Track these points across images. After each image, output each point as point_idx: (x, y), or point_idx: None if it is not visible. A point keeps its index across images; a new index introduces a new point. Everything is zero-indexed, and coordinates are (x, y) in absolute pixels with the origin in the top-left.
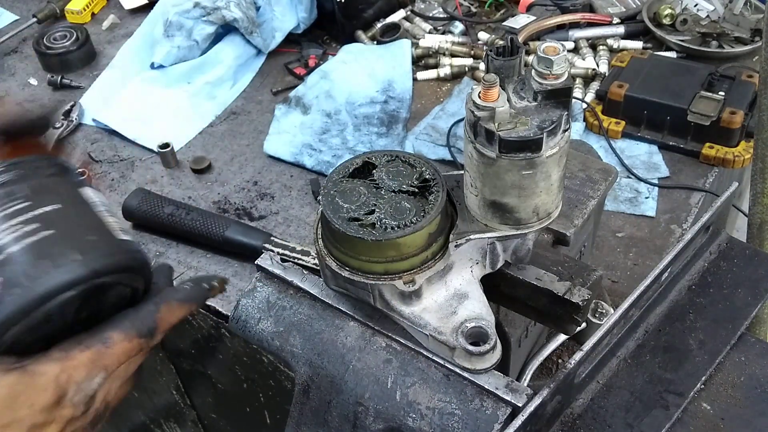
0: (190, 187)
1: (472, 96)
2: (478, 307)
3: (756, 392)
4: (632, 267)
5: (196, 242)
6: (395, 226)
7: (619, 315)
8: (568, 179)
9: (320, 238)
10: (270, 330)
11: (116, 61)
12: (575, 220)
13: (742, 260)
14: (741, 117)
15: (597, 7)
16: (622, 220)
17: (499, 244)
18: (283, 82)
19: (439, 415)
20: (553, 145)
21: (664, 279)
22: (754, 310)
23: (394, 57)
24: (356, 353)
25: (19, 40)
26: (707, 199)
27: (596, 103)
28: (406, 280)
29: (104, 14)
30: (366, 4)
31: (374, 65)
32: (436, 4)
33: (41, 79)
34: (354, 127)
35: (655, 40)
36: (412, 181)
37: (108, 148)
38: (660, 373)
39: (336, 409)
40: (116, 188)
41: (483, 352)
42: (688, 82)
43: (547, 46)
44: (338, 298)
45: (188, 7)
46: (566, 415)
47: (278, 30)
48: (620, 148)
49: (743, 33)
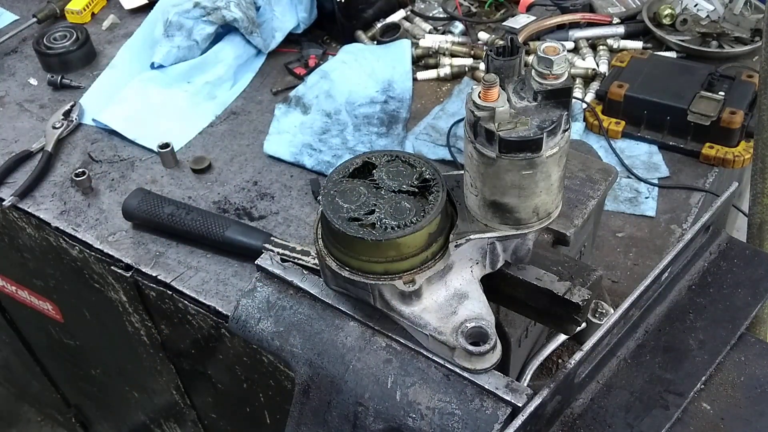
0: (190, 187)
1: (472, 96)
2: (478, 307)
3: (756, 392)
4: (632, 267)
5: (196, 242)
6: (395, 226)
7: (619, 315)
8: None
9: (320, 238)
10: (270, 330)
11: (116, 61)
12: (575, 220)
13: (742, 260)
14: (741, 117)
15: (597, 7)
16: (622, 220)
17: (499, 244)
18: (283, 82)
19: (439, 415)
20: (553, 145)
21: (664, 279)
22: (754, 310)
23: (394, 57)
24: (356, 353)
25: (19, 40)
26: (707, 199)
27: (596, 103)
28: (406, 280)
29: (104, 14)
30: (366, 4)
31: (374, 65)
32: (436, 4)
33: (41, 79)
34: (354, 127)
35: (655, 40)
36: (412, 181)
37: (108, 148)
38: (660, 373)
39: (336, 409)
40: (116, 188)
41: (483, 352)
42: (688, 82)
43: (547, 46)
44: (338, 298)
45: (188, 7)
46: (566, 415)
47: (278, 30)
48: (620, 148)
49: (743, 33)
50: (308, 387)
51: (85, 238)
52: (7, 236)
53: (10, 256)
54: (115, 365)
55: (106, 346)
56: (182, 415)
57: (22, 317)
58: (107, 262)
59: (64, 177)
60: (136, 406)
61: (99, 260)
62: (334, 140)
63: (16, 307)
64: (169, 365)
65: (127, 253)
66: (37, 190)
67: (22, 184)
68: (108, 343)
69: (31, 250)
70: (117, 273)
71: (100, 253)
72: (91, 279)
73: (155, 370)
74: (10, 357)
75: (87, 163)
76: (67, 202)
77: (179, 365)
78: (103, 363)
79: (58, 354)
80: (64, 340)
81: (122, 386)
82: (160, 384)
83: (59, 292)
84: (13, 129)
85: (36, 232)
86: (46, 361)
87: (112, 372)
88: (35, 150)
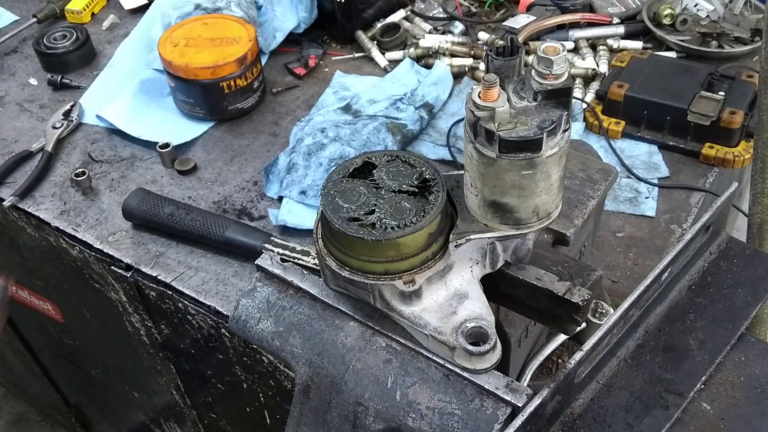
0: (190, 187)
1: (472, 96)
2: (478, 307)
3: (756, 392)
4: (632, 267)
5: (196, 242)
6: (395, 226)
7: (619, 315)
8: (568, 179)
9: (320, 238)
10: (270, 330)
11: (114, 61)
12: (575, 220)
13: (742, 260)
14: (741, 117)
15: (597, 7)
16: (622, 220)
17: (499, 244)
18: (284, 82)
19: (439, 415)
20: (553, 145)
21: (664, 279)
22: (754, 310)
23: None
24: (356, 353)
25: (19, 40)
26: (707, 199)
27: (596, 103)
28: (406, 280)
29: (104, 14)
30: (366, 4)
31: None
32: (436, 4)
33: (41, 79)
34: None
35: (655, 40)
36: (412, 181)
37: (108, 148)
38: (660, 373)
39: (336, 409)
40: (116, 188)
41: (483, 352)
42: (688, 82)
43: (547, 46)
44: (338, 298)
45: (189, 9)
46: (566, 415)
47: (279, 30)
48: (620, 148)
49: (743, 33)
50: (308, 387)
51: (85, 238)
52: (7, 236)
53: (10, 256)
54: (115, 365)
55: (106, 346)
56: (182, 415)
57: (22, 317)
58: (107, 262)
59: (64, 177)
60: (136, 406)
61: (99, 260)
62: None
63: (16, 307)
64: (169, 365)
65: (127, 253)
66: (37, 190)
67: (22, 184)
68: (108, 343)
69: (31, 250)
70: (117, 273)
71: (100, 253)
72: (91, 279)
73: (155, 370)
74: (10, 357)
75: (87, 163)
76: (67, 202)
77: (179, 365)
78: (103, 363)
79: (58, 354)
80: (64, 340)
81: (122, 386)
82: (160, 384)
83: (59, 292)
84: (13, 129)
85: (36, 232)
86: (46, 361)
87: (112, 372)
88: (35, 150)
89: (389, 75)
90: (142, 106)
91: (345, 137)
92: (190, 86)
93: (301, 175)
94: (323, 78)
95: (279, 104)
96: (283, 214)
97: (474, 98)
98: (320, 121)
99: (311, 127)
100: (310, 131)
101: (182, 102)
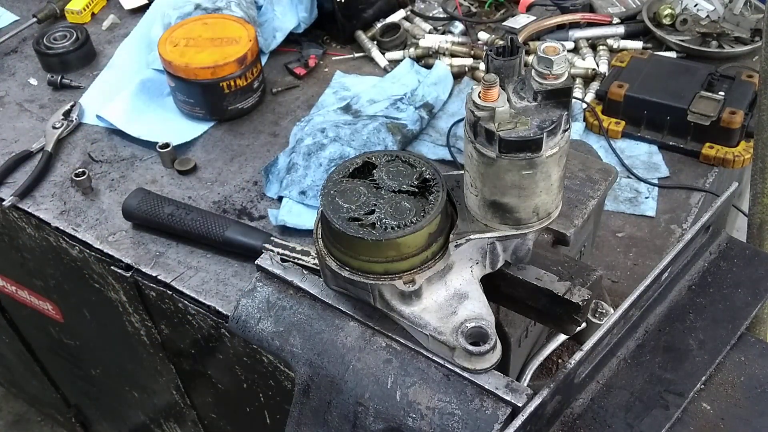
0: (190, 187)
1: (472, 96)
2: (478, 307)
3: (756, 392)
4: (632, 267)
5: (196, 242)
6: (395, 226)
7: (619, 315)
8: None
9: (320, 238)
10: (270, 330)
11: (114, 61)
12: (575, 220)
13: (742, 260)
14: (741, 117)
15: (597, 7)
16: (622, 220)
17: (499, 244)
18: (283, 82)
19: (439, 415)
20: (553, 145)
21: (664, 279)
22: (754, 310)
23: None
24: (356, 353)
25: (19, 40)
26: (707, 199)
27: (596, 103)
28: (406, 280)
29: (104, 14)
30: (366, 4)
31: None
32: (436, 4)
33: (41, 79)
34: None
35: (655, 40)
36: (412, 181)
37: (108, 148)
38: (660, 373)
39: (336, 409)
40: (116, 188)
41: (483, 352)
42: (688, 82)
43: (547, 46)
44: (338, 298)
45: (189, 9)
46: (566, 415)
47: (279, 30)
48: (620, 148)
49: (743, 33)
50: (308, 387)
51: (85, 238)
52: (7, 236)
53: (10, 256)
54: (115, 365)
55: (106, 346)
56: (182, 415)
57: (22, 317)
58: (107, 262)
59: (64, 177)
60: (136, 406)
61: (99, 260)
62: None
63: (16, 307)
64: (169, 365)
65: (127, 253)
66: (37, 190)
67: (22, 184)
68: (108, 343)
69: (31, 250)
70: (117, 273)
71: (100, 253)
72: (91, 279)
73: (155, 370)
74: (10, 357)
75: (87, 163)
76: (67, 202)
77: (179, 365)
78: (103, 363)
79: (58, 354)
80: (64, 340)
81: (122, 386)
82: (160, 384)
83: (59, 292)
84: (13, 129)
85: (36, 232)
86: (46, 361)
87: (112, 372)
88: (35, 150)
89: (389, 75)
90: (142, 106)
91: (345, 137)
92: (190, 86)
93: (301, 175)
94: (323, 78)
95: (279, 104)
96: (283, 214)
97: (474, 98)
98: (320, 121)
99: (311, 127)
100: (310, 131)
101: (182, 102)
